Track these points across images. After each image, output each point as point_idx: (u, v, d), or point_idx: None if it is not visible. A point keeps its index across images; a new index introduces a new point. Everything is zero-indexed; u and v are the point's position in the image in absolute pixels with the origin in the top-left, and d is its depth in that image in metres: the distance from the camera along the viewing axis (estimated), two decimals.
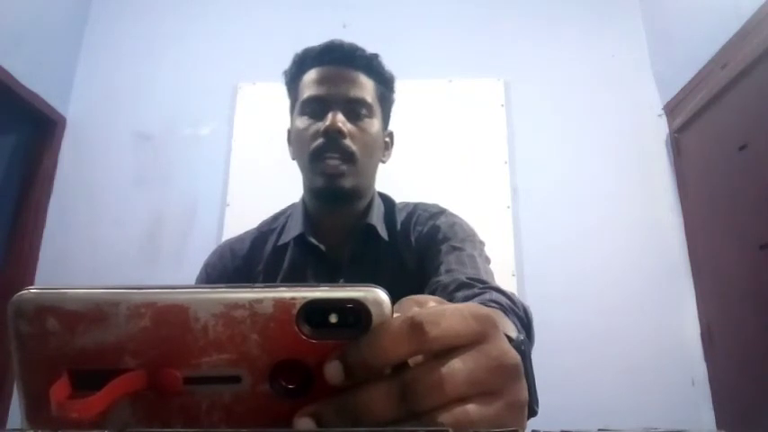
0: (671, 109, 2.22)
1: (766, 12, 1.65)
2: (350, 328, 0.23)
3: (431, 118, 2.32)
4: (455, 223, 0.84)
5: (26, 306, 0.22)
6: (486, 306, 0.59)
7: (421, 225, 0.85)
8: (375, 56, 0.87)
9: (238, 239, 0.91)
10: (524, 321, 0.62)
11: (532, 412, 0.32)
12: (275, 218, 0.93)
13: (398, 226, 0.87)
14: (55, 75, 2.38)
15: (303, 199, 0.89)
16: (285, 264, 0.85)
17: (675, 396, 1.94)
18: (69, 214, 2.32)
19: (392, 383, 0.23)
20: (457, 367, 0.23)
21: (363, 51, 0.86)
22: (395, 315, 0.24)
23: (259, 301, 0.22)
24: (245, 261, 0.87)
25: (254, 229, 0.92)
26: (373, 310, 0.23)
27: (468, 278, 0.69)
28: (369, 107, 0.83)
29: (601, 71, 2.37)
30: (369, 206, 0.87)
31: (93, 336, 0.22)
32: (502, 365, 0.24)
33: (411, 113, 2.29)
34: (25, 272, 2.20)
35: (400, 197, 0.95)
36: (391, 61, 0.90)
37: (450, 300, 0.65)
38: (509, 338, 0.27)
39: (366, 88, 0.84)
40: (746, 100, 1.74)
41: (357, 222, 0.85)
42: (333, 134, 0.78)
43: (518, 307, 0.63)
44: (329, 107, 0.80)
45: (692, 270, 2.08)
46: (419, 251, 0.82)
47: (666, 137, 2.26)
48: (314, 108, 0.82)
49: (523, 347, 0.31)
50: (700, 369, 1.97)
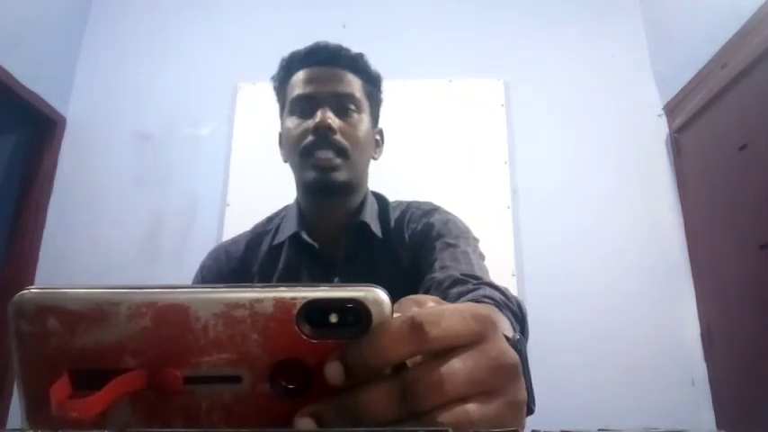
0: (671, 109, 2.22)
1: (766, 12, 1.65)
2: (350, 328, 0.23)
3: (431, 118, 2.32)
4: (449, 220, 0.84)
5: (27, 306, 0.22)
6: (480, 302, 0.59)
7: (415, 222, 0.85)
8: (360, 55, 0.87)
9: (233, 242, 0.92)
10: (518, 316, 0.62)
11: (530, 411, 0.32)
12: (270, 219, 0.94)
13: (392, 223, 0.87)
14: (55, 75, 2.38)
15: (297, 200, 0.90)
16: (280, 263, 0.85)
17: (675, 396, 1.94)
18: (69, 214, 2.32)
19: (392, 383, 0.23)
20: (456, 367, 0.23)
21: (348, 51, 0.86)
22: (394, 315, 0.24)
23: (259, 301, 0.22)
24: (240, 262, 0.87)
25: (248, 231, 0.93)
26: (373, 310, 0.23)
27: (462, 274, 0.69)
28: (357, 103, 0.84)
29: (601, 71, 2.37)
30: (362, 204, 0.87)
31: (93, 335, 0.22)
32: (501, 365, 0.24)
33: (411, 113, 2.30)
34: (25, 272, 2.20)
35: (400, 197, 0.95)
36: (391, 61, 0.91)
37: (444, 296, 0.65)
38: (506, 338, 0.27)
39: (353, 85, 0.84)
40: (746, 100, 1.74)
41: (351, 220, 0.85)
42: (323, 131, 0.79)
43: (512, 302, 0.64)
44: (318, 104, 0.80)
45: (692, 270, 2.07)
46: (413, 248, 0.82)
47: (666, 137, 2.26)
48: (303, 106, 0.82)
49: (520, 346, 0.32)
50: (700, 369, 1.97)
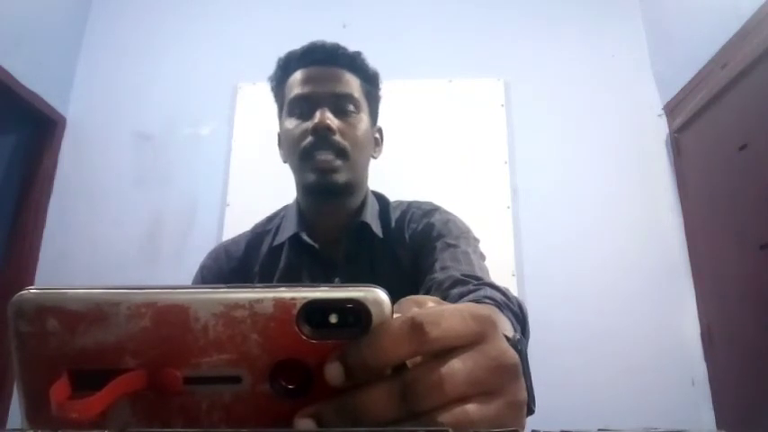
0: (671, 109, 2.22)
1: (766, 12, 1.64)
2: (350, 329, 0.23)
3: (431, 118, 2.31)
4: (449, 220, 0.84)
5: (26, 306, 0.22)
6: (480, 302, 0.59)
7: (415, 222, 0.85)
8: (358, 53, 0.87)
9: (233, 242, 0.91)
10: (519, 317, 0.62)
11: (530, 411, 0.32)
12: (270, 219, 0.93)
13: (393, 224, 0.87)
14: (55, 75, 2.38)
15: (297, 200, 0.89)
16: (281, 264, 0.85)
17: (675, 396, 1.94)
18: (69, 214, 2.32)
19: (392, 384, 0.23)
20: (456, 367, 0.23)
21: (345, 50, 0.86)
22: (394, 315, 0.24)
23: (259, 301, 0.22)
24: (240, 262, 0.87)
25: (248, 231, 0.92)
26: (373, 311, 0.23)
27: (462, 275, 0.69)
28: (356, 103, 0.83)
29: (601, 71, 2.36)
30: (363, 204, 0.87)
31: (93, 336, 0.22)
32: (501, 365, 0.24)
33: (411, 113, 2.30)
34: (25, 272, 2.20)
35: (400, 197, 0.95)
36: (391, 61, 0.91)
37: (444, 297, 0.65)
38: (506, 338, 0.27)
39: (351, 85, 0.84)
40: (746, 100, 1.74)
41: (351, 220, 0.85)
42: (322, 131, 0.78)
43: (513, 303, 0.63)
44: (316, 105, 0.80)
45: (692, 270, 2.07)
46: (413, 248, 0.82)
47: (666, 137, 2.26)
48: (301, 107, 0.82)
49: (520, 346, 0.32)
50: (700, 369, 1.97)
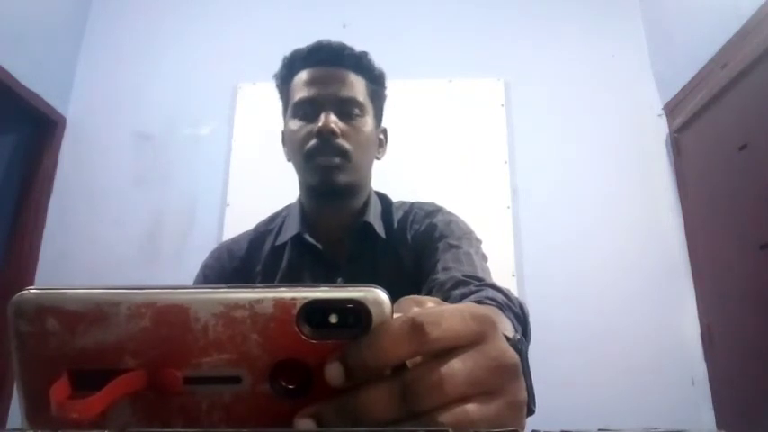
0: (671, 109, 2.22)
1: (766, 12, 1.64)
2: (350, 329, 0.23)
3: (431, 118, 2.31)
4: (451, 221, 0.84)
5: (26, 306, 0.22)
6: (482, 303, 0.60)
7: (418, 223, 0.85)
8: (364, 54, 0.87)
9: (235, 241, 0.91)
10: (521, 318, 0.62)
11: (530, 411, 0.32)
12: (272, 219, 0.93)
13: (395, 224, 0.87)
14: (55, 75, 2.38)
15: (299, 199, 0.90)
16: (283, 264, 0.85)
17: (675, 396, 1.94)
18: (69, 214, 2.31)
19: (392, 384, 0.23)
20: (457, 367, 0.23)
21: (352, 50, 0.86)
22: (394, 315, 0.24)
23: (259, 302, 0.22)
24: (242, 262, 0.87)
25: (250, 231, 0.92)
26: (373, 311, 0.23)
27: (464, 276, 0.69)
28: (360, 106, 0.84)
29: (601, 71, 2.36)
30: (366, 204, 0.87)
31: (93, 336, 0.22)
32: (501, 365, 0.24)
33: (411, 113, 2.29)
34: (25, 272, 2.20)
35: (400, 197, 0.95)
36: (391, 61, 0.90)
37: (446, 297, 0.66)
38: (506, 338, 0.27)
39: (356, 87, 0.84)
40: (746, 100, 1.74)
41: (354, 221, 0.85)
42: (326, 135, 0.79)
43: (514, 304, 0.64)
44: (321, 108, 0.80)
45: (692, 270, 2.07)
46: (416, 249, 0.82)
47: (666, 137, 2.26)
48: (306, 110, 0.82)
49: (520, 346, 0.32)
50: (700, 369, 1.97)
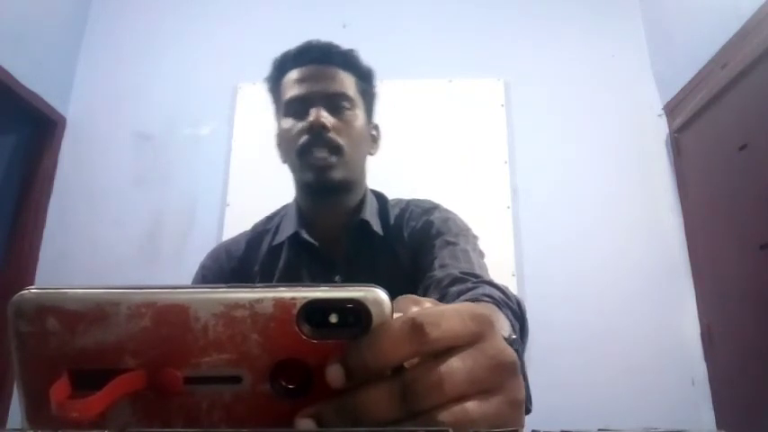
0: (671, 109, 2.22)
1: (766, 12, 1.64)
2: (350, 328, 0.23)
3: (431, 118, 2.31)
4: (448, 218, 0.84)
5: (26, 306, 0.22)
6: (479, 300, 0.60)
7: (414, 220, 0.85)
8: (352, 51, 0.88)
9: (233, 241, 0.92)
10: (518, 315, 0.63)
11: (527, 411, 0.32)
12: (269, 218, 0.94)
13: (392, 222, 0.87)
14: (55, 75, 2.38)
15: (296, 199, 0.90)
16: (281, 263, 0.85)
17: (675, 396, 1.94)
18: (69, 214, 2.31)
19: (392, 384, 0.23)
20: (456, 366, 0.23)
21: (339, 48, 0.86)
22: (394, 314, 0.24)
23: (259, 301, 0.22)
24: (240, 262, 0.87)
25: (248, 231, 0.93)
26: (373, 310, 0.23)
27: (461, 273, 0.69)
28: (350, 100, 0.84)
29: (601, 71, 2.36)
30: (362, 202, 0.87)
31: (93, 336, 0.22)
32: (500, 363, 0.24)
33: (411, 113, 2.30)
34: (25, 272, 2.20)
35: (401, 197, 0.95)
36: (391, 61, 0.91)
37: (443, 294, 0.66)
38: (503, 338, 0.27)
39: (346, 83, 0.84)
40: (746, 100, 1.74)
41: (351, 218, 0.85)
42: (317, 129, 0.79)
43: (511, 300, 0.64)
44: (311, 104, 0.81)
45: (692, 270, 2.07)
46: (413, 246, 0.82)
47: (666, 137, 2.26)
48: (296, 108, 0.83)
49: (515, 346, 0.32)
50: (700, 369, 1.97)
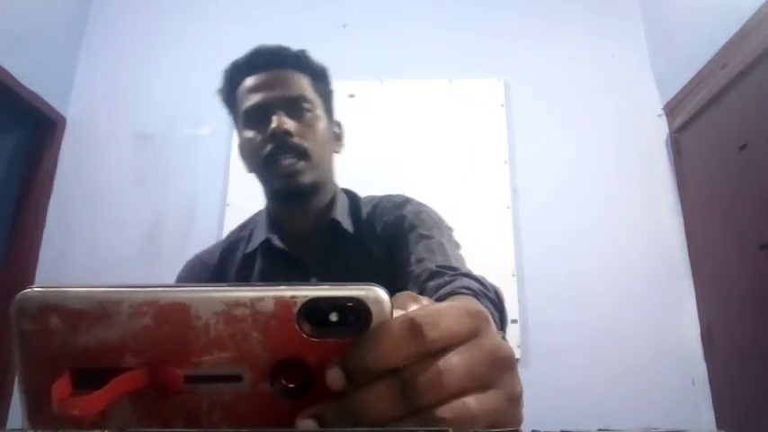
0: (671, 109, 2.22)
1: (766, 12, 1.65)
2: (350, 327, 0.23)
3: (431, 118, 2.32)
4: (421, 211, 0.84)
5: (29, 304, 0.22)
6: (457, 293, 0.61)
7: (386, 215, 0.85)
8: (302, 52, 0.87)
9: (207, 251, 0.92)
10: (496, 304, 0.63)
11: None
12: (243, 227, 0.94)
13: (364, 218, 0.87)
14: (55, 75, 2.38)
15: (266, 206, 0.90)
16: (255, 270, 0.85)
17: (675, 396, 1.94)
18: (69, 214, 2.31)
19: (392, 382, 0.23)
20: (454, 362, 0.23)
21: (289, 50, 0.85)
22: (394, 312, 0.24)
23: (260, 300, 0.22)
24: (215, 272, 0.87)
25: (222, 240, 0.93)
26: (373, 309, 0.23)
27: (437, 266, 0.70)
28: (309, 102, 0.83)
29: (601, 71, 2.37)
30: (332, 201, 0.87)
31: (95, 334, 0.22)
32: (497, 358, 0.25)
33: (411, 113, 2.30)
34: (25, 272, 2.20)
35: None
36: (391, 61, 0.90)
37: (422, 290, 0.67)
38: None
39: (302, 84, 0.83)
40: (746, 100, 1.74)
41: (321, 219, 0.85)
42: (280, 136, 0.78)
43: (489, 290, 0.64)
44: (271, 111, 0.80)
45: (692, 270, 2.07)
46: (386, 241, 0.82)
47: (666, 137, 2.26)
48: (256, 116, 0.81)
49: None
50: (700, 369, 1.97)
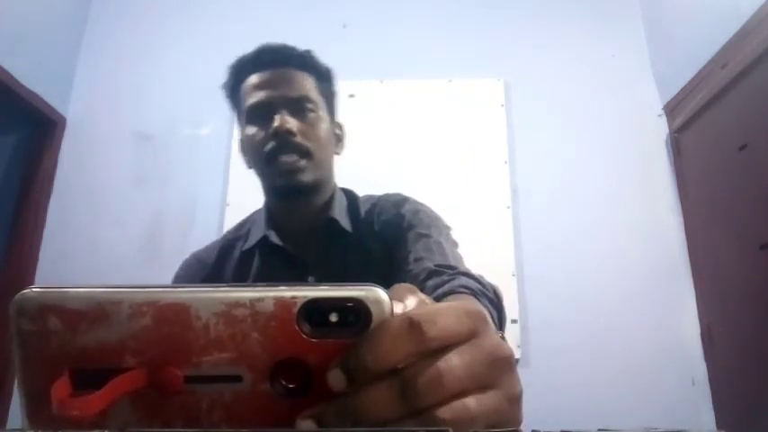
0: (671, 109, 2.23)
1: (766, 12, 1.65)
2: (350, 327, 0.23)
3: (431, 118, 2.32)
4: (419, 210, 0.84)
5: (28, 305, 0.22)
6: (456, 293, 0.61)
7: (384, 214, 0.85)
8: (308, 52, 0.87)
9: (205, 249, 0.92)
10: (495, 303, 0.64)
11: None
12: (241, 225, 0.94)
13: (362, 217, 0.87)
14: (55, 75, 2.38)
15: (265, 203, 0.90)
16: (253, 268, 0.85)
17: (675, 396, 1.94)
18: (69, 214, 2.31)
19: (392, 382, 0.23)
20: (454, 362, 0.23)
21: (295, 49, 0.86)
22: (394, 307, 0.24)
23: (260, 300, 0.22)
24: (213, 270, 0.87)
25: (220, 239, 0.93)
26: (373, 309, 0.23)
27: (436, 265, 0.70)
28: (313, 102, 0.84)
29: (601, 71, 2.37)
30: (330, 200, 0.87)
31: (94, 334, 0.22)
32: (496, 359, 0.25)
33: (411, 113, 2.30)
34: (25, 272, 2.20)
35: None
36: (391, 61, 0.90)
37: (420, 289, 0.66)
38: None
39: (306, 85, 0.84)
40: (746, 100, 1.75)
41: (319, 217, 0.85)
42: (283, 135, 0.79)
43: (488, 289, 0.65)
44: (274, 110, 0.80)
45: (692, 270, 2.08)
46: (385, 240, 0.82)
47: (666, 137, 2.26)
48: (259, 114, 0.82)
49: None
50: (700, 369, 1.97)
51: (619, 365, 1.96)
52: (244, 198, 2.28)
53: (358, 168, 1.33)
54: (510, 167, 2.25)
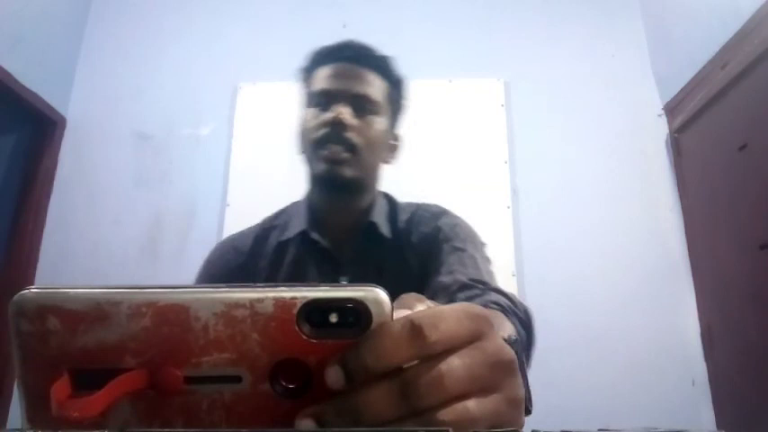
0: (671, 109, 2.22)
1: (766, 12, 1.64)
2: (350, 328, 0.23)
3: (431, 118, 2.31)
4: (457, 224, 0.84)
5: (27, 305, 0.22)
6: (486, 307, 0.60)
7: (423, 225, 0.86)
8: (387, 57, 0.88)
9: (241, 235, 0.91)
10: (525, 322, 0.63)
11: (527, 411, 0.32)
12: (278, 215, 0.93)
13: (401, 225, 0.87)
14: (55, 75, 2.38)
15: (307, 195, 0.90)
16: (288, 259, 0.85)
17: (675, 396, 1.94)
18: (69, 214, 2.31)
19: (392, 383, 0.23)
20: (455, 364, 0.23)
21: (375, 51, 0.87)
22: (396, 312, 0.24)
23: (260, 301, 0.22)
24: (248, 257, 0.87)
25: (256, 225, 0.92)
26: (373, 310, 0.23)
27: (469, 279, 0.70)
28: (375, 104, 0.84)
29: (601, 71, 2.36)
30: (372, 204, 0.87)
31: (94, 335, 0.22)
32: (498, 361, 0.24)
33: (411, 113, 2.29)
34: (25, 272, 2.20)
35: (401, 197, 0.95)
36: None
37: (451, 301, 0.66)
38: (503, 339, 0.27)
39: (374, 86, 0.85)
40: (746, 100, 1.74)
41: (360, 220, 0.86)
42: (336, 125, 0.80)
43: (518, 308, 0.64)
44: (336, 100, 0.81)
45: (692, 270, 2.07)
46: (421, 251, 0.83)
47: (666, 137, 2.26)
48: (321, 100, 0.83)
49: (515, 347, 0.32)
50: (700, 369, 1.97)
51: (619, 365, 1.96)
52: (244, 198, 2.30)
53: None
54: (510, 167, 2.25)
